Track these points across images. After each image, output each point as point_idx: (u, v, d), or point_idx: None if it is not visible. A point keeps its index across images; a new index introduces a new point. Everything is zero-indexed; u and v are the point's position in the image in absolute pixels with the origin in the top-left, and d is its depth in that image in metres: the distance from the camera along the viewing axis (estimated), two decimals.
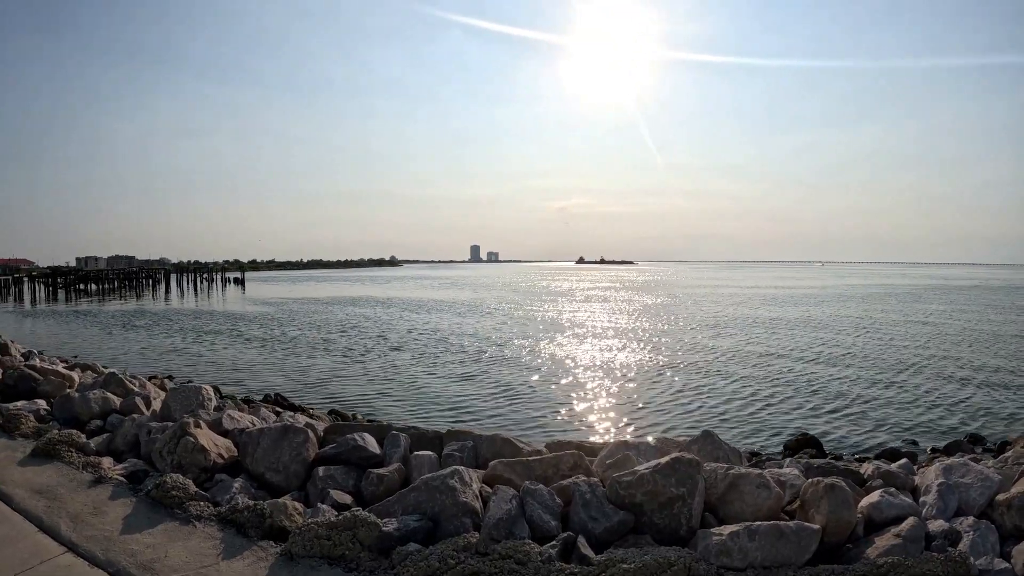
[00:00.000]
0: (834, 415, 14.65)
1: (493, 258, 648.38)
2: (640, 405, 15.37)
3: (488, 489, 5.27)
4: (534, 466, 5.55)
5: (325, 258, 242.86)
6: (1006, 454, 9.56)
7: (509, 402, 15.68)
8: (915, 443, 12.40)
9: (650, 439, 6.59)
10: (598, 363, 21.43)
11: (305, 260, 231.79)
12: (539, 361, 21.75)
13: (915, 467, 7.57)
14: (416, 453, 6.15)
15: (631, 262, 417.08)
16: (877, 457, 10.66)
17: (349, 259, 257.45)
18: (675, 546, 4.39)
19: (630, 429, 13.36)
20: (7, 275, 79.94)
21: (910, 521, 4.43)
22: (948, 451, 11.30)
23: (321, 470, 5.89)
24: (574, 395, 16.43)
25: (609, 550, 4.41)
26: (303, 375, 19.13)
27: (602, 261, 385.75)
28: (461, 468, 5.24)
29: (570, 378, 18.62)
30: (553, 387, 17.38)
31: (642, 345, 25.77)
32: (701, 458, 5.89)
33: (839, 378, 19.01)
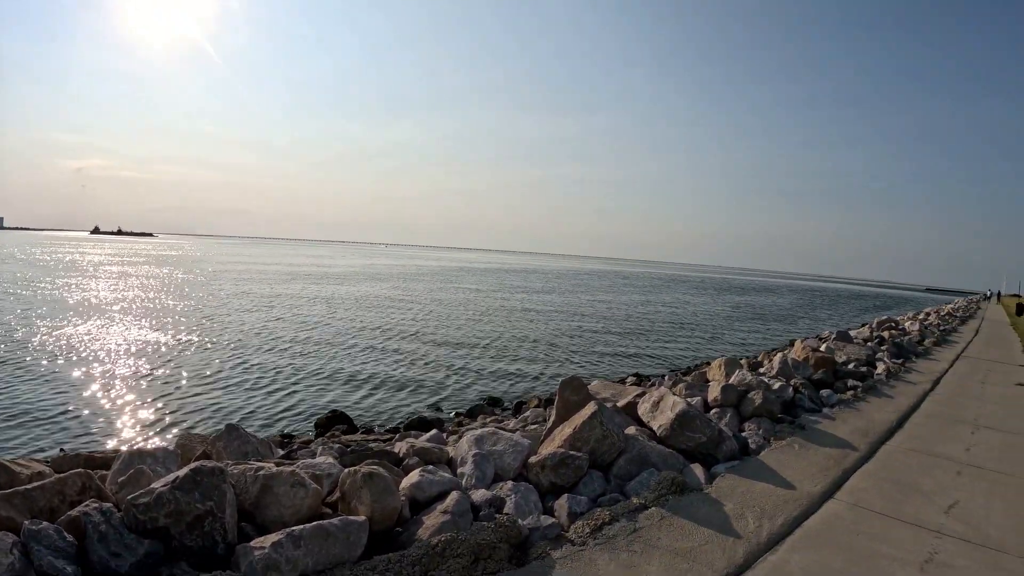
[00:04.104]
0: (362, 390, 15.19)
1: None
2: (166, 399, 13.41)
3: None
4: (36, 496, 4.38)
5: None
6: (524, 414, 11.05)
7: (13, 406, 12.14)
8: (439, 410, 13.49)
9: (170, 443, 5.53)
10: (124, 353, 18.15)
11: None
12: (51, 353, 17.33)
13: (444, 435, 7.97)
14: None
15: (151, 234, 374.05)
16: (407, 428, 11.22)
17: None
18: (217, 570, 3.76)
19: (153, 429, 11.53)
20: None
21: (454, 496, 4.51)
22: (471, 414, 12.56)
23: None
24: (94, 392, 13.54)
25: None
26: None
27: (120, 232, 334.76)
28: None
29: (91, 372, 15.32)
30: (70, 386, 13.93)
31: (168, 330, 22.82)
32: (228, 455, 5.16)
33: (365, 354, 19.99)
